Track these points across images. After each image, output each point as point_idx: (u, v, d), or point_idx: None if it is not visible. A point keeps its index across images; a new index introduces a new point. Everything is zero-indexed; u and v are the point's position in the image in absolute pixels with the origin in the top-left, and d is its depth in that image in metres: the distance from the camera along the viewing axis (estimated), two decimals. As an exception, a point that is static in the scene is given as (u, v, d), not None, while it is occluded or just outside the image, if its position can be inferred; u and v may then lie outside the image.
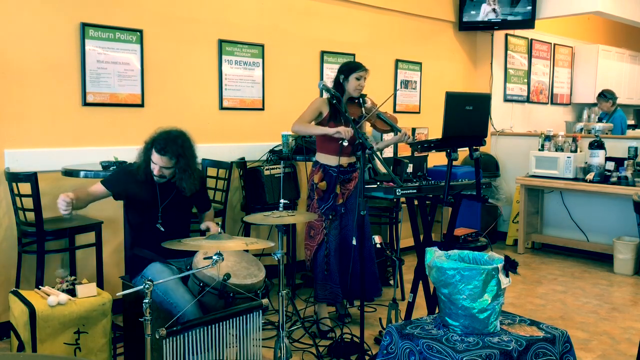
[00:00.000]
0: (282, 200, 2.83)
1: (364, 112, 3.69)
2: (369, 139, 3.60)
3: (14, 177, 3.41)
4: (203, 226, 3.13)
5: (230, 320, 2.51)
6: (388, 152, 5.34)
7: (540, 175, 5.75)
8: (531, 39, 7.18)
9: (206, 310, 2.64)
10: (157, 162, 2.89)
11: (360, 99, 3.75)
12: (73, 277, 3.05)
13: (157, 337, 2.24)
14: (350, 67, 3.67)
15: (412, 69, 6.05)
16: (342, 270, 3.69)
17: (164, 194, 2.99)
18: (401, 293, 4.44)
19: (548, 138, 5.79)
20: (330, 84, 3.70)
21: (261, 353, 2.65)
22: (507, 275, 2.36)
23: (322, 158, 3.71)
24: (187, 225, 3.12)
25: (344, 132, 3.39)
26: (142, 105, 4.11)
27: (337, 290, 3.66)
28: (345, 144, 3.38)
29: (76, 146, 3.86)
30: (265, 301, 2.63)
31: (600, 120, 6.84)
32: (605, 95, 6.84)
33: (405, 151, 5.58)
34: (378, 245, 4.35)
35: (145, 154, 2.95)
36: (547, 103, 7.63)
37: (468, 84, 6.68)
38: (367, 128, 3.89)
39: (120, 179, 3.01)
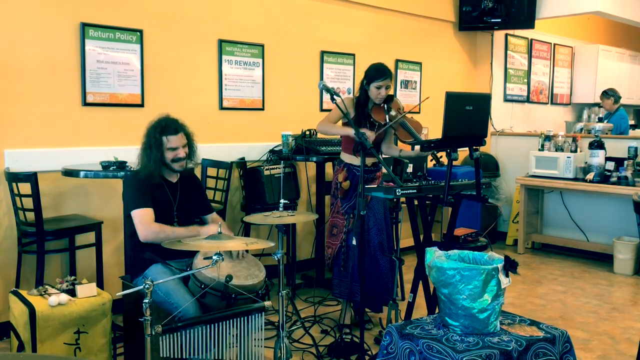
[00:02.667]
0: (282, 200, 2.83)
1: (387, 120, 3.58)
2: (402, 152, 3.73)
3: (14, 177, 3.41)
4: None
5: (231, 320, 2.51)
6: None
7: (540, 175, 5.75)
8: (531, 39, 7.18)
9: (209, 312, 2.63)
10: (176, 143, 2.88)
11: (385, 105, 3.63)
12: (73, 277, 3.05)
13: (153, 333, 2.24)
14: (371, 75, 3.56)
15: (412, 69, 6.05)
16: (368, 270, 3.60)
17: (173, 192, 2.98)
18: (401, 293, 4.44)
19: (548, 138, 5.79)
20: (330, 85, 3.68)
21: (263, 354, 2.65)
22: (507, 275, 2.36)
23: (347, 157, 3.68)
24: (195, 222, 3.13)
25: (368, 135, 3.29)
26: (142, 105, 4.11)
27: (355, 288, 3.58)
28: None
29: (76, 146, 3.86)
30: (268, 303, 2.63)
31: (601, 120, 6.84)
32: (607, 93, 6.86)
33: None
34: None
35: (155, 150, 2.86)
36: (547, 103, 7.63)
37: (468, 84, 6.68)
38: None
39: (145, 190, 2.87)
